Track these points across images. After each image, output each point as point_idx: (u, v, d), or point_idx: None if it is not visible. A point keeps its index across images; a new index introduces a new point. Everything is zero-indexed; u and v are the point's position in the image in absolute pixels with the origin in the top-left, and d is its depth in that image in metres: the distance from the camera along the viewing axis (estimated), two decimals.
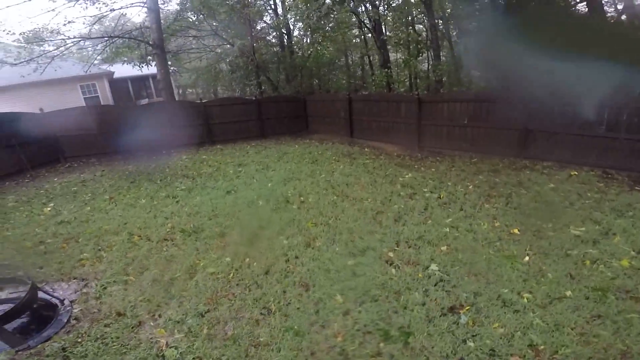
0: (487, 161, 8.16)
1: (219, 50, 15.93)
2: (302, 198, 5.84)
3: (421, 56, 12.72)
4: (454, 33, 12.53)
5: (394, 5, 13.61)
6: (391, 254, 4.00)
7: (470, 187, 6.29)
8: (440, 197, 5.75)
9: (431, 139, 9.71)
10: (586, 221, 4.58)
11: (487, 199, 5.64)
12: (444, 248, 4.09)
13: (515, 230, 4.49)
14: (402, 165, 7.87)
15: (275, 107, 12.87)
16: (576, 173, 6.94)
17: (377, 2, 12.67)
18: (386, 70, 11.90)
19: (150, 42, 12.25)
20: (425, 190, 6.09)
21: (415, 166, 7.79)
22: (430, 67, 13.13)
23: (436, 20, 11.78)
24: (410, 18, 15.36)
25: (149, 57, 13.39)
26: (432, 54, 13.28)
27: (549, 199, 5.60)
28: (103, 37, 13.25)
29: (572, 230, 4.37)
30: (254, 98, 12.45)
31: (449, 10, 11.90)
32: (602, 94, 6.27)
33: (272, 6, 16.67)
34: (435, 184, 6.38)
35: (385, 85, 12.16)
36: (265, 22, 19.42)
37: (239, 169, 8.04)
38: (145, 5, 12.12)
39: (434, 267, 3.71)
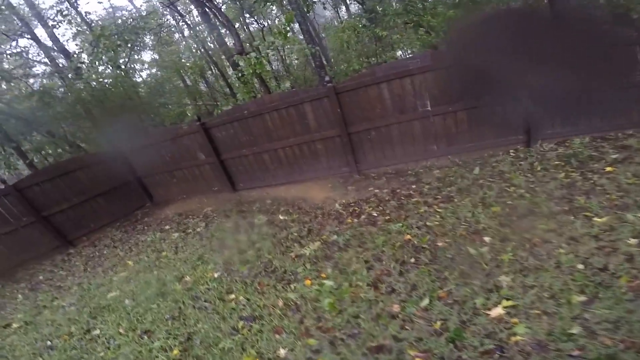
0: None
1: None
2: None
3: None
4: None
5: None
6: None
7: None
8: None
9: (376, 150, 5.46)
10: None
11: None
12: None
13: None
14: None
15: (65, 186, 6.49)
16: None
17: None
18: (250, 54, 6.59)
19: None
20: None
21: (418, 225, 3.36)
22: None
23: None
24: None
25: None
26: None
27: None
28: None
29: None
30: (1, 186, 5.88)
31: None
32: None
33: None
34: None
35: (254, 88, 7.17)
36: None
37: None
38: None
39: None
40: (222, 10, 7.73)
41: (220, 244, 4.45)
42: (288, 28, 5.93)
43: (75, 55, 9.33)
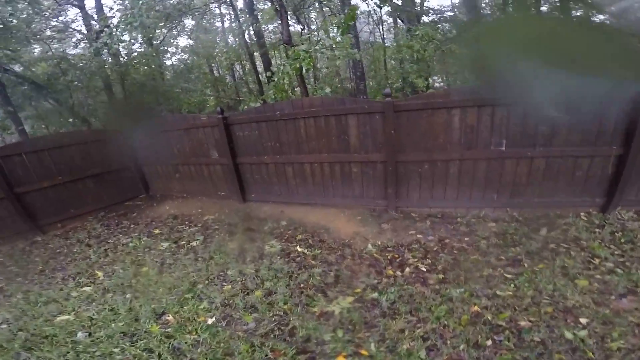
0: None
1: None
2: None
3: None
4: None
5: None
6: None
7: None
8: None
9: (424, 187, 4.52)
10: None
11: None
12: None
13: None
14: None
15: (53, 161, 5.59)
16: None
17: None
18: (296, 47, 5.63)
19: None
20: None
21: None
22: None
23: None
24: None
25: None
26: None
27: None
28: None
29: None
30: None
31: None
32: None
33: None
34: None
35: (290, 86, 6.29)
36: None
37: None
38: None
39: None
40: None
41: (220, 271, 3.46)
42: (350, 23, 5.08)
43: (103, 19, 8.62)
